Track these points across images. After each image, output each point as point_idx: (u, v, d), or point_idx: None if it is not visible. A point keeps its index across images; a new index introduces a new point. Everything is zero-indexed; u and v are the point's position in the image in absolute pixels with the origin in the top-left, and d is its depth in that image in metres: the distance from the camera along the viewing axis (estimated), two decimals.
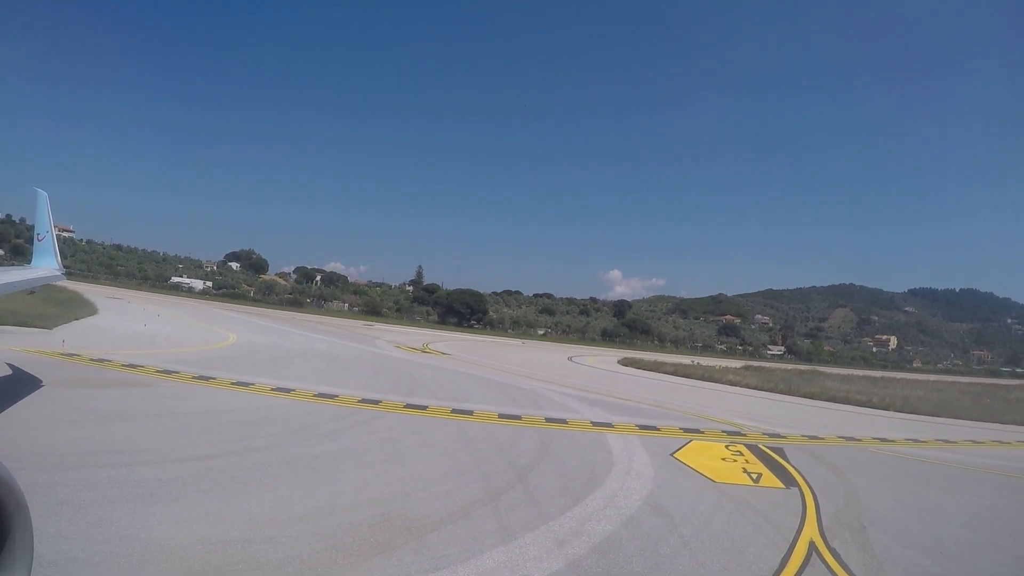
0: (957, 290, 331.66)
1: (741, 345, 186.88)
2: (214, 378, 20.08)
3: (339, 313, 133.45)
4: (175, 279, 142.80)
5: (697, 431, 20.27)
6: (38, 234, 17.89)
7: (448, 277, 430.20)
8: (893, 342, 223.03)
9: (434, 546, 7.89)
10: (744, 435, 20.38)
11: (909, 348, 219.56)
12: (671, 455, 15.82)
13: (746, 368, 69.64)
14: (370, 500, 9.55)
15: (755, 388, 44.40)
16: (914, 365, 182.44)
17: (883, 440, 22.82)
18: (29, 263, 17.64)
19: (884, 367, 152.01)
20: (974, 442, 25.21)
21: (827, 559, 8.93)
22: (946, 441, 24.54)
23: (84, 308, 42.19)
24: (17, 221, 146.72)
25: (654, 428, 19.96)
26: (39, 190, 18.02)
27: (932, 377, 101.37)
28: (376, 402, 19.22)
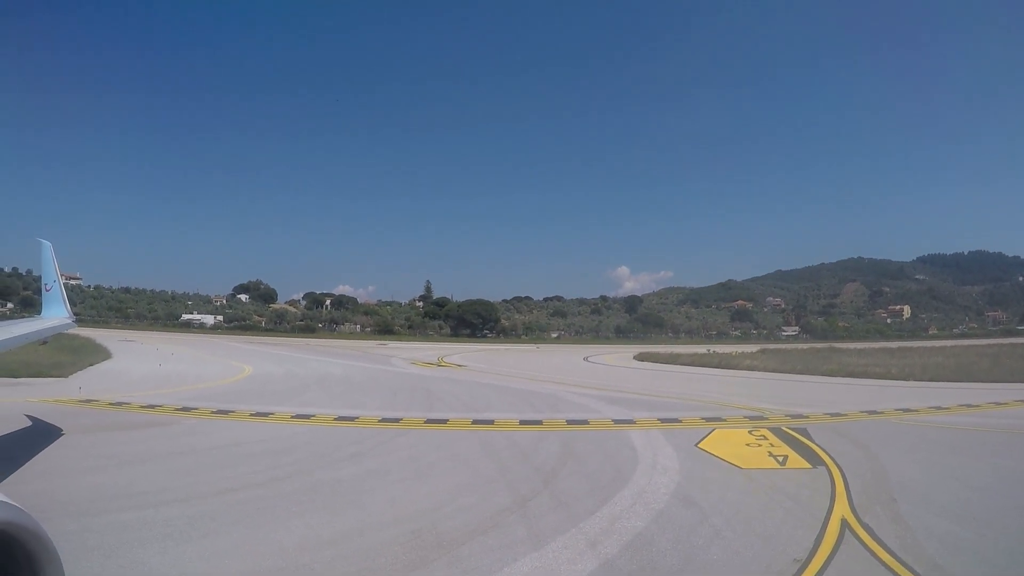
0: (966, 253, 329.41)
1: (755, 329, 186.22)
2: (233, 411, 20.14)
3: (352, 335, 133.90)
4: (186, 316, 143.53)
5: (719, 419, 20.21)
6: (45, 284, 17.96)
7: (457, 289, 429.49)
8: (907, 311, 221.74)
9: (466, 558, 7.88)
10: (766, 419, 20.31)
11: (923, 316, 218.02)
12: (695, 446, 15.77)
13: (762, 351, 69.33)
14: (398, 519, 9.54)
15: (773, 371, 44.24)
16: (930, 332, 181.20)
17: (905, 411, 22.70)
18: (39, 314, 17.70)
19: (900, 337, 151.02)
20: (997, 404, 25.01)
21: (861, 535, 8.86)
22: (969, 406, 24.37)
23: (98, 353, 42.41)
24: (24, 273, 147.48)
25: (676, 420, 19.91)
26: (43, 240, 18.11)
27: (949, 343, 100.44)
28: (396, 420, 19.24)
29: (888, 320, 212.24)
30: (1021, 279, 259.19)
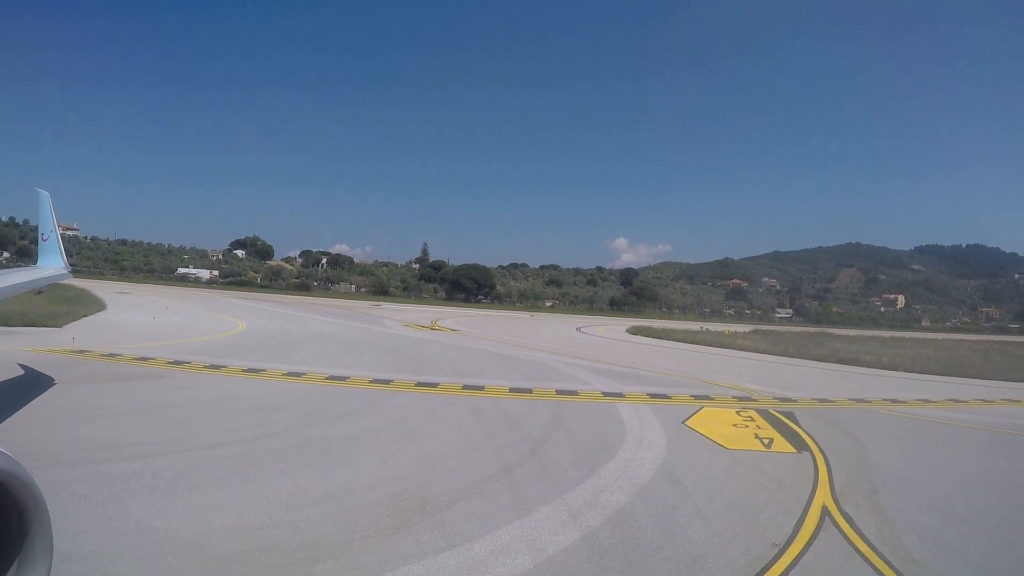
0: (964, 246, 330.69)
1: (749, 309, 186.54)
2: (225, 366, 20.19)
3: (347, 295, 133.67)
4: (181, 270, 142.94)
5: (708, 398, 20.34)
6: (42, 234, 17.90)
7: (454, 253, 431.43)
8: (901, 301, 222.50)
9: (450, 523, 7.97)
10: (755, 400, 20.44)
11: (917, 307, 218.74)
12: (683, 423, 15.89)
13: (755, 332, 69.66)
14: (385, 480, 9.64)
15: (764, 352, 44.43)
16: (923, 324, 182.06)
17: (894, 401, 22.84)
18: (35, 264, 17.66)
19: (893, 327, 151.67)
20: (985, 401, 25.14)
21: (840, 524, 8.96)
22: (957, 400, 24.51)
23: (92, 304, 42.27)
24: (20, 223, 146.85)
25: (665, 396, 20.03)
26: (40, 191, 18.02)
27: (941, 335, 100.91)
28: (387, 382, 19.32)
29: (882, 308, 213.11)
30: (1017, 276, 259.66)
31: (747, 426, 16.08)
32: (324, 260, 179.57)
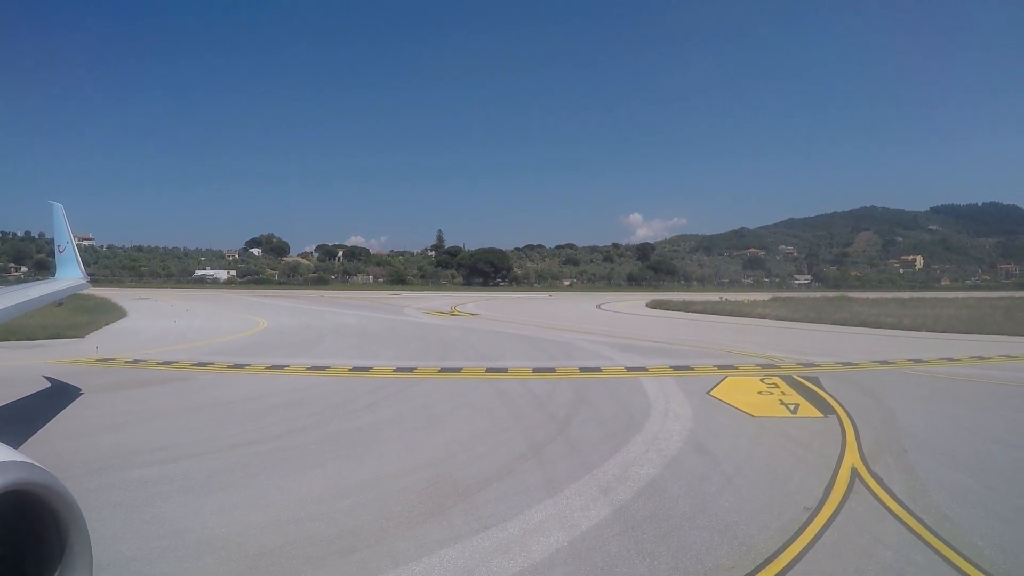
0: (980, 204, 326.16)
1: (767, 277, 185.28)
2: (249, 365, 20.37)
3: (365, 286, 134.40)
4: (199, 272, 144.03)
5: (731, 367, 20.30)
6: (58, 246, 18.00)
7: (469, 238, 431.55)
8: (919, 262, 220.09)
9: (482, 505, 8.02)
10: (778, 367, 20.37)
11: (936, 267, 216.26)
12: (707, 393, 15.87)
13: (774, 300, 69.27)
14: (415, 467, 9.70)
15: (785, 319, 44.26)
16: (942, 283, 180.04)
17: (917, 361, 22.67)
18: (53, 276, 17.79)
19: (912, 288, 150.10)
20: (1008, 357, 24.83)
21: (870, 484, 8.94)
22: (980, 358, 24.22)
23: (113, 312, 42.65)
24: (36, 237, 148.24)
25: (688, 368, 20.01)
26: (54, 203, 18.10)
27: (961, 294, 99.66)
28: (411, 370, 19.43)
29: (901, 270, 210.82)
30: None
31: (772, 393, 16.04)
32: (340, 253, 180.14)
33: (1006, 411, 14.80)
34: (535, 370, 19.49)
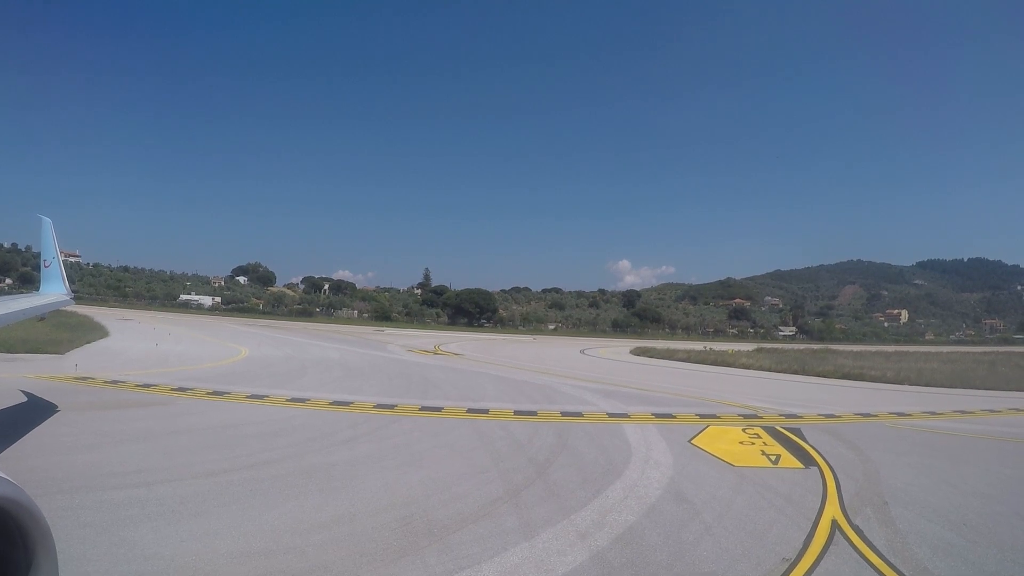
0: (965, 260, 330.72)
1: (752, 328, 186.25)
2: (229, 393, 20.16)
3: (349, 320, 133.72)
4: (184, 297, 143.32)
5: (713, 416, 20.24)
6: (44, 261, 17.95)
7: (456, 278, 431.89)
8: (904, 316, 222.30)
9: (457, 546, 7.91)
10: (760, 417, 20.35)
11: (921, 321, 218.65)
12: (689, 442, 15.79)
13: (759, 350, 69.39)
14: (391, 504, 9.57)
15: (769, 370, 44.31)
16: (926, 338, 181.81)
17: (900, 414, 22.75)
18: (37, 290, 17.69)
19: (897, 341, 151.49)
20: (991, 411, 25.06)
21: (851, 537, 8.90)
22: (963, 412, 24.42)
23: (95, 331, 42.37)
24: (23, 249, 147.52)
25: (670, 416, 19.94)
26: (43, 217, 18.09)
27: (945, 348, 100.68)
28: (391, 407, 19.26)
29: (886, 324, 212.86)
30: (1019, 288, 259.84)
31: (754, 443, 15.99)
32: (326, 286, 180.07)
33: (988, 465, 14.87)
34: (516, 412, 19.36)
